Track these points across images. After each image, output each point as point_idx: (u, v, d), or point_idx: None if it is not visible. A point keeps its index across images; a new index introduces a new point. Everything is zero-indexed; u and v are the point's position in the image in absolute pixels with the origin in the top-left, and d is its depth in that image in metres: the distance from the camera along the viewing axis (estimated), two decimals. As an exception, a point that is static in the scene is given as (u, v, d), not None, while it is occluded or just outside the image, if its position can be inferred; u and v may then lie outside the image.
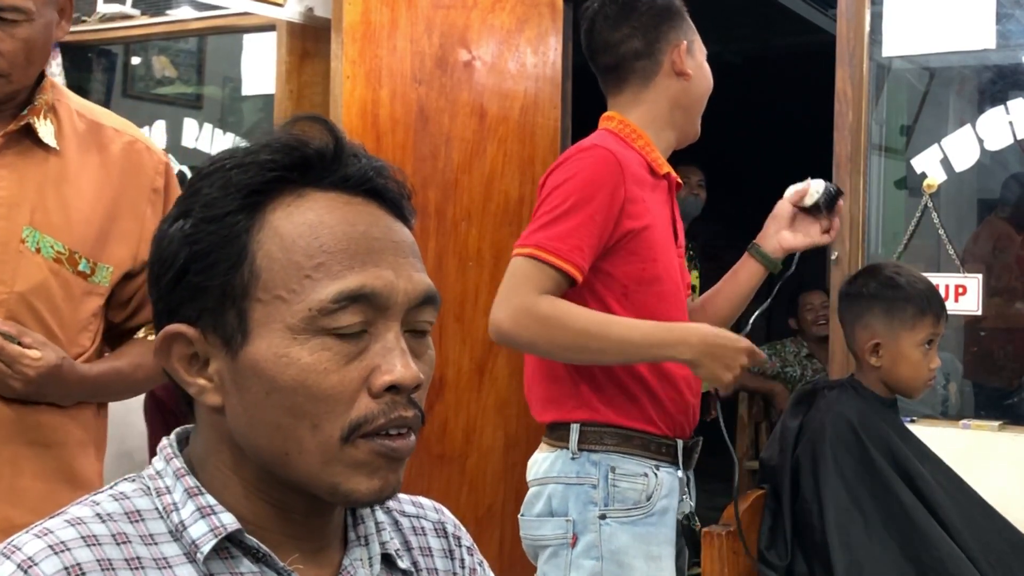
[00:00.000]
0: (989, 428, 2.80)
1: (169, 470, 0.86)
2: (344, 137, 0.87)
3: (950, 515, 1.98)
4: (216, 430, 0.86)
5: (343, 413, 0.80)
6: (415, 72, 3.34)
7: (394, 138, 3.31)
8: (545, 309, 1.89)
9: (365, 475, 0.82)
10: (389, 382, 0.81)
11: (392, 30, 3.29)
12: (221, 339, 0.83)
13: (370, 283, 0.81)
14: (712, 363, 1.89)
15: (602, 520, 1.98)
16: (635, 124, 2.09)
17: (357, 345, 0.81)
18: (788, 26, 5.87)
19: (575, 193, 1.92)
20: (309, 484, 0.82)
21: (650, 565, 1.98)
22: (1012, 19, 2.82)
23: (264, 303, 0.81)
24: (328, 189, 0.85)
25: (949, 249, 2.85)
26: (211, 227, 0.83)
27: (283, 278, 0.81)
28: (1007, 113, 2.81)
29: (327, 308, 0.80)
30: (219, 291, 0.82)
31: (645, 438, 2.01)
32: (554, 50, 3.65)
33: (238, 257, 0.82)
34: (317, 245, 0.82)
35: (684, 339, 1.91)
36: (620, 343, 1.92)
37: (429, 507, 1.03)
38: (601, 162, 1.95)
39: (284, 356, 0.80)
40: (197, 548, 0.81)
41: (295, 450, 0.81)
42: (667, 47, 2.09)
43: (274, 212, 0.83)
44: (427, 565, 0.96)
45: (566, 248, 1.90)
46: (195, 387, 0.85)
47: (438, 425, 3.35)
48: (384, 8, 3.25)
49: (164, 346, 0.85)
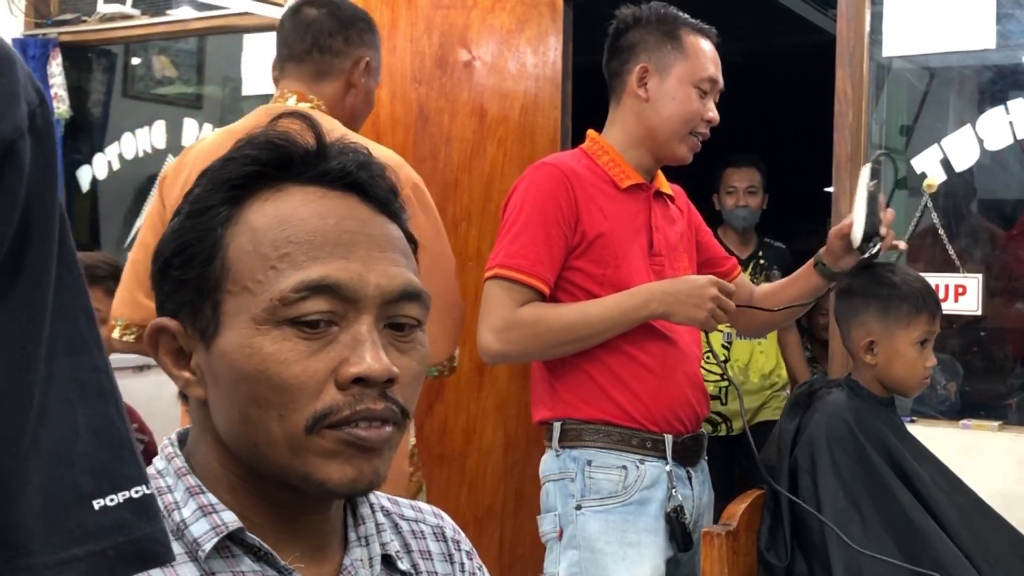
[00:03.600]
0: (989, 428, 2.80)
1: (171, 469, 0.86)
2: (328, 135, 0.87)
3: (948, 515, 1.98)
4: (203, 424, 0.87)
5: (308, 404, 0.80)
6: (415, 72, 3.35)
7: (394, 138, 3.31)
8: (526, 317, 2.03)
9: (337, 464, 0.81)
10: (355, 374, 0.80)
11: (392, 30, 3.29)
12: (199, 332, 0.84)
13: (334, 274, 0.81)
14: (682, 307, 2.02)
15: (578, 511, 2.08)
16: (606, 141, 2.21)
17: (324, 337, 0.81)
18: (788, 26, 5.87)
19: (527, 210, 2.07)
20: (283, 474, 0.82)
21: (625, 551, 2.06)
22: (1012, 19, 2.82)
23: (234, 295, 0.82)
24: (307, 183, 0.85)
25: (949, 249, 2.85)
26: (192, 222, 0.84)
27: (251, 269, 0.82)
28: (1007, 113, 2.80)
29: (288, 298, 0.80)
30: (196, 284, 0.83)
31: (625, 433, 2.09)
32: (554, 50, 3.65)
33: (212, 250, 0.83)
34: (284, 236, 0.82)
35: (650, 296, 2.05)
36: (603, 322, 2.05)
37: (428, 511, 1.03)
38: (547, 177, 2.09)
39: (247, 346, 0.80)
40: (199, 546, 0.81)
41: (264, 440, 0.81)
42: (634, 67, 2.18)
43: (251, 207, 0.84)
44: (427, 568, 0.96)
45: (528, 263, 2.04)
46: (181, 380, 0.86)
47: (438, 425, 3.35)
48: (384, 8, 3.25)
49: (152, 340, 0.86)
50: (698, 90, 2.16)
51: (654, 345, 2.13)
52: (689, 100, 2.16)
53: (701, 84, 2.16)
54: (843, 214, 2.94)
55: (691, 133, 2.17)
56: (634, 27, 2.20)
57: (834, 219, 2.95)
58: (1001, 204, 3.02)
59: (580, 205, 2.08)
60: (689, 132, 2.17)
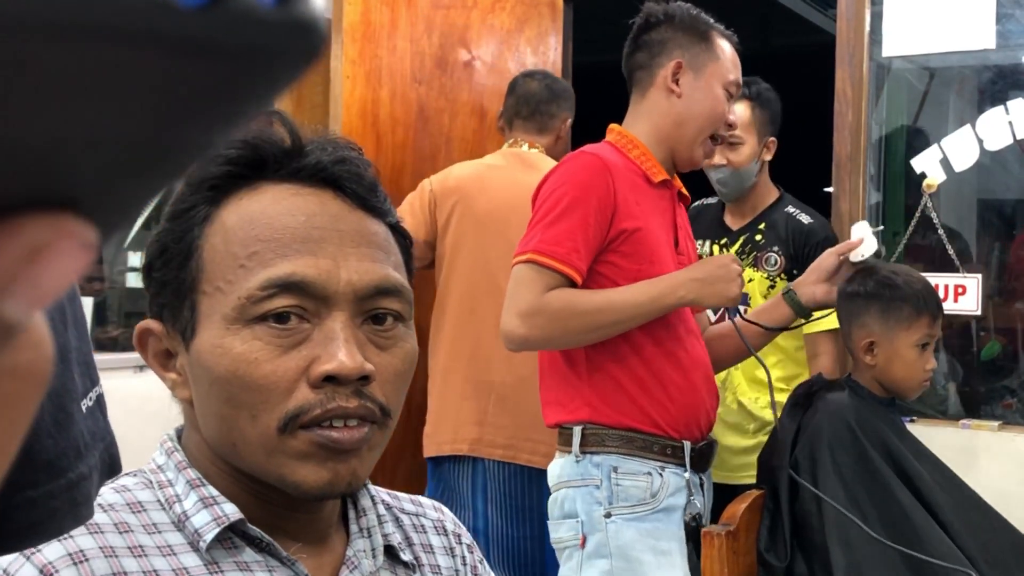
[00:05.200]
0: (988, 428, 2.80)
1: (171, 463, 0.87)
2: (300, 131, 0.86)
3: (948, 514, 1.98)
4: (193, 423, 0.87)
5: (279, 403, 0.79)
6: (415, 72, 3.35)
7: (394, 138, 3.31)
8: (554, 304, 1.97)
9: (312, 466, 0.80)
10: (327, 371, 0.79)
11: (392, 30, 3.29)
12: (179, 333, 0.83)
13: (301, 271, 0.80)
14: (713, 289, 1.99)
15: (607, 519, 2.02)
16: (633, 135, 2.15)
17: (295, 335, 0.80)
18: (788, 26, 5.88)
19: (567, 197, 2.00)
20: (261, 475, 0.82)
21: (659, 560, 2.01)
22: (1012, 19, 2.82)
23: (208, 295, 0.82)
24: (281, 181, 0.84)
25: (949, 249, 2.85)
26: (172, 224, 0.84)
27: (222, 269, 0.81)
28: (1007, 113, 2.80)
29: (255, 296, 0.79)
30: (175, 286, 0.83)
31: (648, 439, 2.04)
32: (554, 50, 3.66)
33: (188, 251, 0.83)
34: (253, 235, 0.81)
35: (677, 283, 2.01)
36: (631, 308, 1.99)
37: (428, 506, 1.03)
38: (589, 166, 2.02)
39: (219, 347, 0.80)
40: (200, 537, 0.81)
41: (240, 440, 0.81)
42: (666, 61, 2.14)
43: (227, 207, 0.83)
44: (429, 561, 0.96)
45: (563, 251, 1.97)
46: (168, 381, 0.86)
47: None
48: (384, 8, 3.25)
49: (139, 342, 0.86)
50: (726, 92, 2.15)
51: (680, 348, 2.09)
52: (719, 100, 2.14)
53: (729, 87, 2.15)
54: (843, 214, 2.94)
55: (711, 136, 2.15)
56: (666, 23, 2.16)
57: (834, 219, 2.95)
58: (1001, 204, 3.02)
59: (619, 197, 2.02)
60: (710, 135, 2.15)
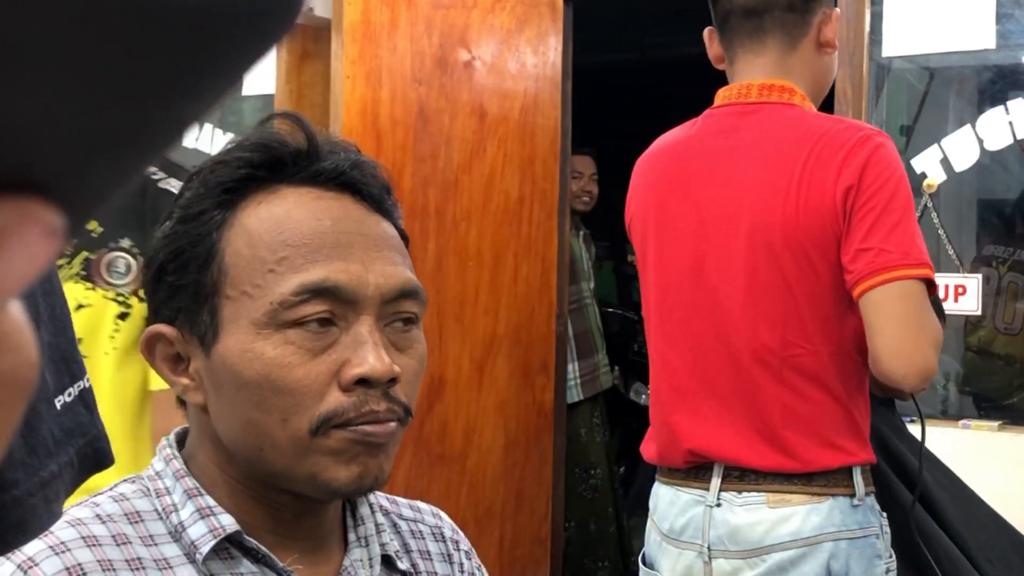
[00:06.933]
0: (989, 428, 2.80)
1: (169, 471, 0.86)
2: (318, 134, 0.86)
3: (948, 515, 1.98)
4: (203, 429, 0.86)
5: (311, 407, 0.80)
6: (415, 72, 3.35)
7: (394, 138, 3.31)
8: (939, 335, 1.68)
9: (343, 463, 0.81)
10: (359, 375, 0.80)
11: (392, 30, 3.29)
12: (197, 337, 0.83)
13: (333, 276, 0.81)
14: None
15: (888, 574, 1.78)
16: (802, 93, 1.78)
17: (325, 339, 0.81)
18: (788, 26, 5.86)
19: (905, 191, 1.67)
20: (288, 479, 0.82)
21: None
22: (1012, 19, 2.82)
23: (233, 300, 0.82)
24: (300, 185, 0.84)
25: (949, 249, 2.85)
26: (185, 227, 0.84)
27: (249, 274, 0.81)
28: (1007, 113, 2.81)
29: (288, 301, 0.80)
30: (192, 290, 0.83)
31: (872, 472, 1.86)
32: (554, 50, 3.65)
33: (208, 255, 0.83)
34: (281, 240, 0.81)
35: None
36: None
37: (427, 511, 1.03)
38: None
39: (249, 351, 0.80)
40: (196, 549, 0.81)
41: (268, 445, 0.81)
42: (830, 12, 1.79)
43: (245, 210, 0.83)
44: (426, 568, 0.96)
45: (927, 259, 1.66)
46: (179, 386, 0.86)
47: (438, 425, 3.35)
48: (384, 8, 3.25)
49: (148, 347, 0.86)
50: None
51: None
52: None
53: None
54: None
55: None
56: None
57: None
58: (1001, 204, 3.02)
59: None
60: None
